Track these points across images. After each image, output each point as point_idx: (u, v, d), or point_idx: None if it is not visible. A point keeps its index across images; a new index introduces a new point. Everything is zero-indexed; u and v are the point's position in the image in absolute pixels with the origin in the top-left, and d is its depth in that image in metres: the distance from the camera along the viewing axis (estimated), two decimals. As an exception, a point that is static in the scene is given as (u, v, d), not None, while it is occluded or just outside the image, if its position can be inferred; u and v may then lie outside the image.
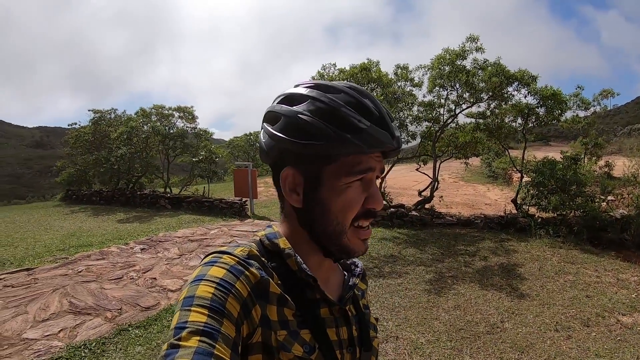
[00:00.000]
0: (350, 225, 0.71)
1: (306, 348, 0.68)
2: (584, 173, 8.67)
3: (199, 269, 0.65)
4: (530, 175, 8.64)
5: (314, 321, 0.71)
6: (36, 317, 4.36)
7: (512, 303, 4.56)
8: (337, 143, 0.67)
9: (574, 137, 21.05)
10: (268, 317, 0.66)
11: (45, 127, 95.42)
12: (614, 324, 4.01)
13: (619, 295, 4.73)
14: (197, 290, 0.60)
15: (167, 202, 12.99)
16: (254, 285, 0.65)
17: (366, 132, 0.67)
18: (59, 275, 5.76)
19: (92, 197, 14.51)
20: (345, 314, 0.77)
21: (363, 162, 0.70)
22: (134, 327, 4.13)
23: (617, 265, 5.81)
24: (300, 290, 0.72)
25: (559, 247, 6.71)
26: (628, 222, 7.07)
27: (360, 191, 0.71)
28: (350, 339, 0.76)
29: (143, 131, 14.54)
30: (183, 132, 15.05)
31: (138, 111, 14.94)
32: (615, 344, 3.62)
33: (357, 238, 0.72)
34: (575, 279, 5.28)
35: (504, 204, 10.13)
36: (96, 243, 7.83)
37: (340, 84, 0.72)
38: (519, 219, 8.12)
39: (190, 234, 8.65)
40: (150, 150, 14.92)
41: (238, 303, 0.61)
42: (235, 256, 0.68)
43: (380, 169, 0.72)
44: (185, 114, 15.41)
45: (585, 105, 8.76)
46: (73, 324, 4.20)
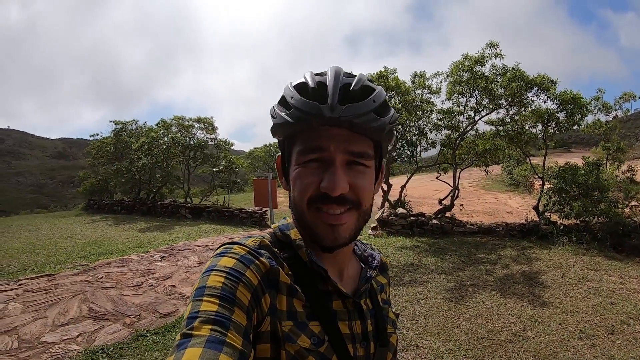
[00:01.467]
0: (307, 205, 0.68)
1: (314, 340, 0.66)
2: (607, 178, 8.47)
3: (211, 260, 0.66)
4: (552, 182, 8.48)
5: (324, 313, 0.70)
6: (55, 322, 4.42)
7: (535, 311, 4.45)
8: (278, 121, 0.69)
9: (595, 142, 20.55)
10: (276, 306, 0.65)
11: (67, 138, 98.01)
12: (639, 332, 3.86)
13: (645, 303, 4.56)
14: (208, 281, 0.60)
15: (187, 212, 13.15)
16: (264, 274, 0.65)
17: (294, 106, 0.67)
18: (79, 282, 5.85)
19: (113, 207, 14.79)
20: (359, 308, 0.75)
21: (311, 138, 0.67)
22: (152, 333, 4.16)
23: (642, 272, 5.61)
24: (311, 282, 0.71)
25: (582, 254, 6.54)
26: (653, 227, 6.85)
27: (314, 171, 0.68)
28: (364, 333, 0.74)
29: (164, 142, 14.79)
30: (203, 143, 15.23)
31: (159, 122, 15.21)
32: None
33: (320, 221, 0.68)
34: (599, 286, 5.13)
35: (525, 211, 9.94)
36: (117, 251, 7.95)
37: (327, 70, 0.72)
38: (541, 226, 7.96)
39: (210, 243, 8.72)
40: (170, 161, 15.15)
41: (249, 291, 0.61)
42: (246, 246, 0.68)
43: (347, 151, 0.67)
44: (205, 124, 15.63)
45: (606, 109, 8.59)
46: (92, 328, 4.25)
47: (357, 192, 0.68)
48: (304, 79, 0.70)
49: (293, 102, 0.67)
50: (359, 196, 0.69)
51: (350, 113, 0.65)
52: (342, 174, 0.66)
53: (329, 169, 0.66)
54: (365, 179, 0.70)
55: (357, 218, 0.70)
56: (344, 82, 0.67)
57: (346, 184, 0.66)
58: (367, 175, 0.70)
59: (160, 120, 15.18)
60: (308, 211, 0.68)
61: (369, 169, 0.70)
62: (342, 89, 0.66)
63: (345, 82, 0.67)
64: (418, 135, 10.51)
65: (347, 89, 0.67)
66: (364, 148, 0.69)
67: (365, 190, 0.70)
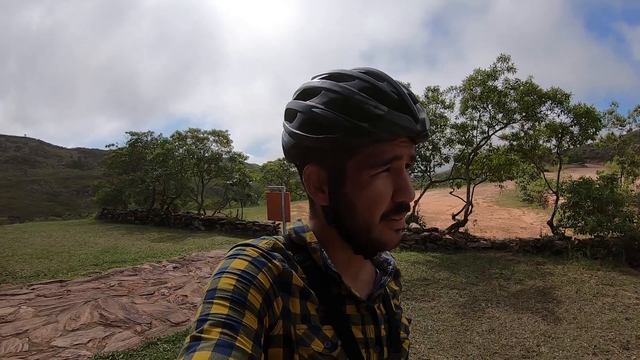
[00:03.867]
0: (380, 220, 0.66)
1: (327, 344, 0.65)
2: (621, 193, 8.35)
3: (222, 262, 0.65)
4: (566, 196, 8.38)
5: (338, 317, 0.69)
6: (66, 327, 4.48)
7: (549, 326, 4.37)
8: (354, 134, 0.63)
9: (609, 157, 20.26)
10: (290, 309, 0.65)
11: (83, 148, 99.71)
12: None
13: (661, 318, 4.47)
14: (219, 283, 0.60)
15: (200, 224, 13.24)
16: (276, 277, 0.65)
17: (384, 118, 0.62)
18: (91, 289, 5.93)
19: (127, 217, 14.96)
20: (373, 312, 0.74)
21: (387, 151, 0.65)
22: (162, 341, 4.17)
23: (658, 287, 5.50)
24: (325, 285, 0.70)
25: (596, 269, 6.42)
26: (667, 241, 6.73)
27: (388, 183, 0.66)
28: (377, 338, 0.73)
29: (178, 154, 14.99)
30: (217, 156, 15.39)
31: (174, 134, 15.45)
32: None
33: (389, 229, 0.68)
34: (614, 301, 5.02)
35: (539, 227, 9.82)
36: (129, 260, 8.02)
37: (355, 70, 0.68)
38: (555, 242, 7.84)
39: (223, 254, 8.73)
40: (185, 173, 15.33)
41: (260, 294, 0.61)
42: (258, 248, 0.67)
43: (410, 156, 0.67)
44: (220, 137, 15.80)
45: (620, 122, 8.52)
46: (102, 335, 4.29)
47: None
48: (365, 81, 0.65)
49: (386, 114, 0.63)
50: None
51: (428, 124, 0.66)
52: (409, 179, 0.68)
53: (400, 177, 0.66)
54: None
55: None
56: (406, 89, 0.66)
57: None
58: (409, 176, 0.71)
59: (176, 132, 15.43)
60: (379, 225, 0.67)
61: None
62: (414, 100, 0.66)
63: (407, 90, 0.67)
64: (432, 150, 10.50)
65: (415, 99, 0.66)
66: (415, 151, 0.71)
67: None
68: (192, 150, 14.77)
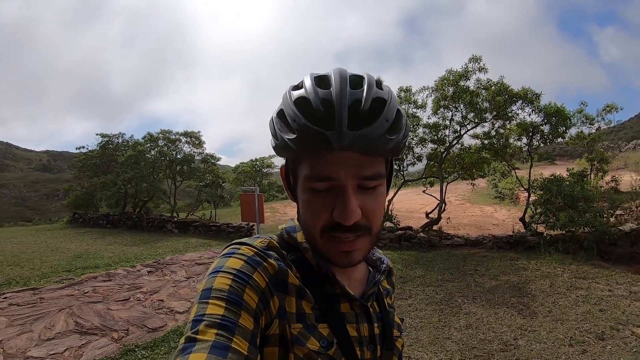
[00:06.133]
0: (320, 234, 0.65)
1: (323, 343, 0.65)
2: (591, 189, 8.63)
3: (217, 260, 0.64)
4: (538, 193, 8.61)
5: (333, 315, 0.69)
6: (41, 336, 4.33)
7: (525, 320, 4.48)
8: (281, 145, 0.64)
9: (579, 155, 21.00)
10: (285, 309, 0.64)
11: (52, 151, 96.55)
12: (629, 337, 3.91)
13: (633, 308, 4.64)
14: (215, 282, 0.59)
15: (174, 227, 13.05)
16: (272, 276, 0.64)
17: (300, 132, 0.60)
18: (65, 296, 5.75)
19: (98, 221, 14.60)
20: (366, 311, 0.74)
21: (318, 167, 0.62)
22: (140, 348, 4.08)
23: (629, 279, 5.71)
24: (319, 284, 0.70)
25: (569, 263, 6.61)
26: (638, 235, 7.01)
27: (324, 200, 0.63)
28: (371, 337, 0.73)
29: (150, 155, 14.75)
30: (190, 157, 15.21)
31: (145, 136, 15.21)
32: (632, 356, 3.53)
33: (333, 249, 0.66)
34: (587, 294, 5.19)
35: (511, 224, 10.05)
36: (103, 265, 7.82)
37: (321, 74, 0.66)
38: (528, 238, 8.04)
39: (197, 258, 8.64)
40: (157, 175, 15.08)
41: (256, 294, 0.60)
42: (253, 247, 0.67)
43: (358, 176, 0.62)
44: (192, 139, 15.64)
45: (589, 121, 8.82)
46: (79, 343, 4.16)
47: (369, 217, 0.64)
48: (304, 92, 0.63)
49: (296, 126, 0.60)
50: (371, 221, 0.65)
51: (362, 141, 0.59)
52: (354, 202, 0.62)
53: (340, 197, 0.62)
54: (376, 200, 0.65)
55: (370, 242, 0.67)
56: (352, 98, 0.60)
57: (358, 211, 0.62)
58: (378, 196, 0.66)
59: (147, 133, 15.21)
60: (321, 239, 0.65)
61: (380, 187, 0.66)
62: (350, 109, 0.59)
63: (353, 99, 0.60)
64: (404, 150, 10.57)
65: (357, 108, 0.60)
66: (376, 169, 0.64)
67: (377, 213, 0.66)
68: (164, 152, 14.54)
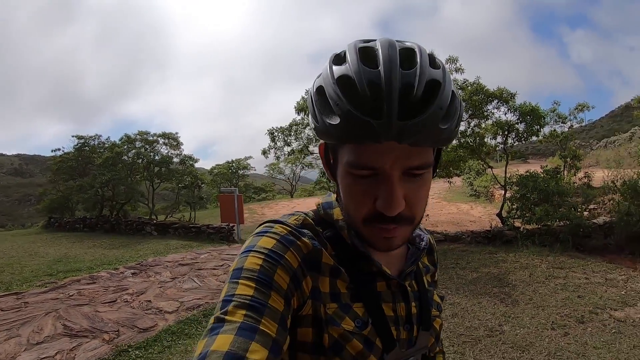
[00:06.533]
0: (362, 222, 0.62)
1: (358, 323, 0.64)
2: (565, 184, 8.98)
3: (250, 239, 0.64)
4: (514, 189, 8.91)
5: (368, 295, 0.67)
6: (30, 340, 4.25)
7: (507, 308, 4.68)
8: (321, 129, 0.59)
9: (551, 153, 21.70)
10: (319, 289, 0.63)
11: (24, 154, 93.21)
12: (607, 319, 4.17)
13: (609, 293, 4.93)
14: (246, 262, 0.59)
15: (153, 229, 12.88)
16: (305, 255, 0.63)
17: (344, 119, 0.54)
18: (50, 299, 5.65)
19: (75, 225, 14.26)
20: (404, 290, 0.72)
21: (362, 155, 0.57)
22: (133, 348, 4.08)
23: (604, 267, 6.04)
24: (355, 262, 0.68)
25: (546, 255, 6.90)
26: (610, 227, 7.36)
27: (367, 188, 0.60)
28: (408, 316, 0.71)
29: (128, 157, 14.57)
30: (168, 159, 15.08)
31: (122, 137, 15.00)
32: (611, 336, 3.77)
33: (375, 235, 0.63)
34: (565, 282, 5.45)
35: (488, 220, 10.35)
36: (84, 268, 7.69)
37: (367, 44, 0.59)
38: (505, 232, 8.30)
39: (180, 259, 8.57)
40: (134, 177, 14.89)
41: (287, 275, 0.59)
42: (287, 225, 0.66)
43: (403, 167, 0.57)
44: (169, 140, 15.51)
45: (562, 119, 9.20)
46: (69, 346, 4.11)
47: (412, 208, 0.61)
48: (347, 69, 0.56)
49: (339, 111, 0.54)
50: (414, 212, 0.62)
51: (412, 133, 0.53)
52: (399, 192, 0.58)
53: (384, 186, 0.58)
54: (421, 190, 0.61)
55: (411, 230, 0.65)
56: (403, 81, 0.53)
57: (403, 201, 0.58)
58: (423, 185, 0.62)
59: (124, 135, 15.02)
60: (363, 226, 0.63)
61: (426, 175, 0.61)
62: (401, 95, 0.52)
63: (405, 82, 0.53)
64: None
65: (408, 95, 0.53)
66: (424, 160, 0.58)
67: (420, 204, 0.63)
68: (142, 154, 14.39)
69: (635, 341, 3.69)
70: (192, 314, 5.08)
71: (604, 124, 52.70)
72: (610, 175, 9.27)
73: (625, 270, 5.84)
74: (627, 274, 5.66)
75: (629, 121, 24.75)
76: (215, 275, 7.16)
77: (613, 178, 8.98)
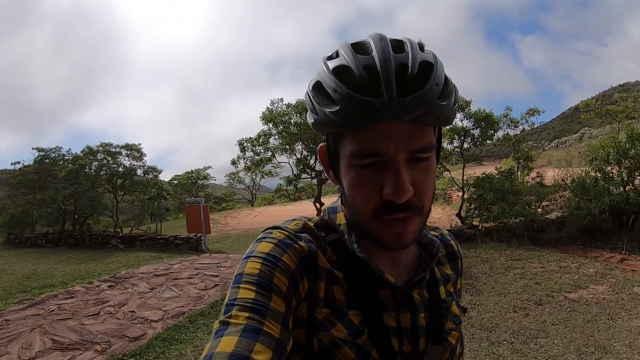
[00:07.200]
0: (372, 217, 0.61)
1: (352, 331, 0.63)
2: (519, 184, 9.71)
3: (251, 246, 0.66)
4: (471, 190, 9.53)
5: (368, 303, 0.65)
6: (21, 356, 4.26)
7: (473, 297, 5.18)
8: (322, 120, 0.59)
9: (505, 155, 22.78)
10: (314, 292, 0.64)
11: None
12: (563, 300, 4.80)
13: (564, 279, 5.59)
14: (246, 267, 0.60)
15: (119, 242, 12.68)
16: (302, 258, 0.64)
17: (344, 103, 0.55)
18: (31, 316, 5.61)
19: (37, 240, 13.77)
20: (410, 299, 0.68)
21: (365, 142, 0.57)
22: (128, 356, 4.20)
23: (558, 257, 6.74)
24: (357, 268, 0.66)
25: (504, 249, 7.51)
26: (563, 221, 8.09)
27: (373, 178, 0.59)
28: (414, 328, 0.68)
29: (90, 169, 14.32)
30: (131, 170, 14.95)
31: (84, 149, 14.68)
32: (567, 314, 4.39)
33: (386, 231, 0.61)
34: (523, 272, 6.06)
35: (447, 220, 10.94)
36: (58, 284, 7.58)
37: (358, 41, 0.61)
38: (465, 231, 8.84)
39: (153, 270, 8.56)
40: (97, 189, 14.62)
41: (286, 277, 0.60)
42: (285, 230, 0.67)
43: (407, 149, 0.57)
44: (132, 151, 15.34)
45: (514, 123, 9.98)
46: (63, 359, 4.18)
47: (420, 194, 0.60)
48: (343, 60, 0.58)
49: (338, 97, 0.55)
50: (423, 199, 0.61)
51: (413, 108, 0.53)
52: (406, 177, 0.57)
53: (390, 172, 0.57)
54: (428, 175, 0.61)
55: (421, 222, 0.63)
56: (398, 62, 0.55)
57: (410, 187, 0.57)
58: (429, 170, 0.61)
59: (86, 147, 14.68)
60: (372, 222, 0.61)
61: (431, 160, 0.61)
62: (397, 74, 0.54)
63: (399, 63, 0.55)
64: None
65: (404, 74, 0.55)
66: (427, 140, 0.59)
67: (428, 189, 0.61)
68: (107, 165, 14.19)
69: (588, 316, 4.31)
70: (178, 321, 5.22)
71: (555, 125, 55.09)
72: (560, 174, 10.08)
73: (577, 259, 6.54)
74: (579, 262, 6.35)
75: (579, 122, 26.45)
76: (192, 283, 7.26)
77: (563, 176, 9.80)
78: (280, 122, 12.85)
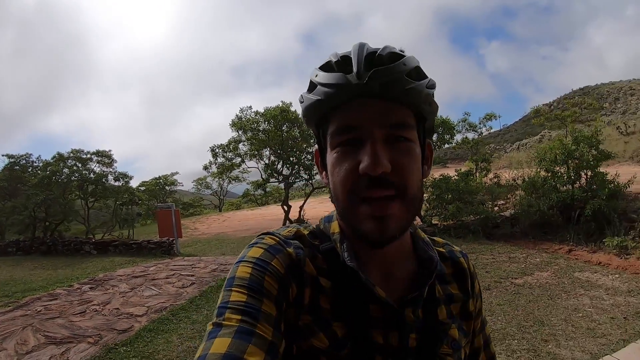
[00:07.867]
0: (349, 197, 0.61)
1: (334, 342, 0.61)
2: (475, 184, 10.46)
3: (243, 250, 0.66)
4: (430, 191, 10.15)
5: (354, 316, 0.63)
6: (18, 351, 4.45)
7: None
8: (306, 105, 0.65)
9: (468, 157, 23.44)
10: (300, 298, 0.63)
11: None
12: (509, 285, 5.50)
13: (512, 268, 6.30)
14: (237, 271, 0.61)
15: (92, 248, 12.70)
16: (289, 264, 0.63)
17: (319, 83, 0.61)
18: (20, 316, 5.76)
19: (7, 249, 13.60)
20: (400, 317, 0.65)
21: (342, 118, 0.61)
22: (120, 345, 4.55)
23: (509, 249, 7.49)
24: (347, 279, 0.64)
25: (460, 244, 8.15)
26: (516, 218, 8.85)
27: (351, 154, 0.60)
28: (403, 348, 0.64)
29: (64, 175, 14.32)
30: (102, 176, 15.07)
31: (55, 156, 14.67)
32: (512, 296, 5.09)
33: (364, 214, 0.60)
34: (475, 262, 6.69)
35: (409, 220, 11.65)
36: (38, 288, 7.68)
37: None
38: (425, 229, 9.37)
39: (130, 272, 8.75)
40: (67, 196, 14.64)
41: (276, 281, 0.60)
42: (276, 236, 0.67)
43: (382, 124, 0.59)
44: (103, 158, 15.45)
45: (472, 127, 10.72)
46: (59, 351, 4.42)
47: (400, 173, 0.59)
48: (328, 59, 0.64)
49: (318, 79, 0.62)
50: (404, 178, 0.59)
51: (379, 76, 0.57)
52: (381, 150, 0.58)
53: (366, 147, 0.58)
54: (409, 157, 0.61)
55: (405, 209, 0.60)
56: (370, 50, 0.60)
57: (387, 161, 0.57)
58: (410, 152, 0.61)
59: (57, 153, 14.67)
60: (350, 204, 0.61)
61: (412, 144, 0.62)
62: (367, 57, 0.59)
63: (370, 51, 0.60)
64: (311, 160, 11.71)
65: (373, 56, 0.60)
66: (402, 117, 0.60)
67: (410, 169, 0.60)
68: (78, 171, 14.24)
69: (530, 297, 5.03)
70: (162, 315, 5.59)
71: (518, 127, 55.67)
72: (513, 174, 10.91)
73: (526, 251, 7.31)
74: (527, 253, 7.12)
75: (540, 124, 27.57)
76: (170, 282, 7.55)
77: (514, 176, 10.62)
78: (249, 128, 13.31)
